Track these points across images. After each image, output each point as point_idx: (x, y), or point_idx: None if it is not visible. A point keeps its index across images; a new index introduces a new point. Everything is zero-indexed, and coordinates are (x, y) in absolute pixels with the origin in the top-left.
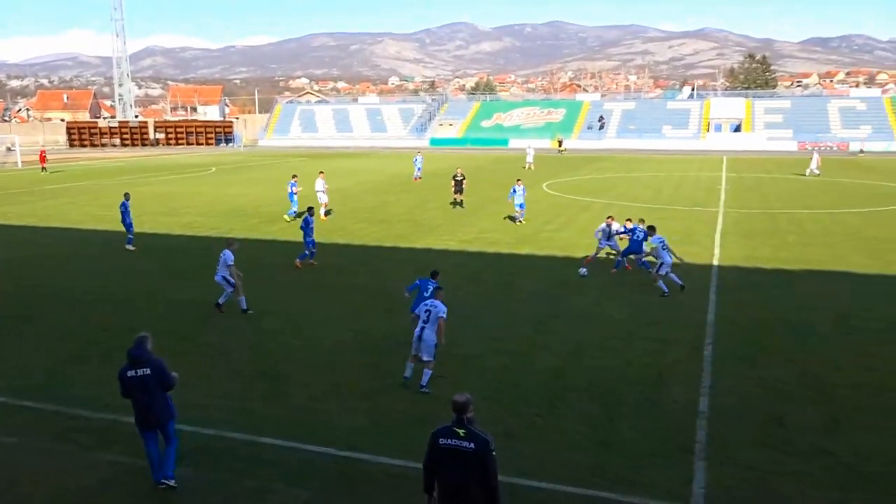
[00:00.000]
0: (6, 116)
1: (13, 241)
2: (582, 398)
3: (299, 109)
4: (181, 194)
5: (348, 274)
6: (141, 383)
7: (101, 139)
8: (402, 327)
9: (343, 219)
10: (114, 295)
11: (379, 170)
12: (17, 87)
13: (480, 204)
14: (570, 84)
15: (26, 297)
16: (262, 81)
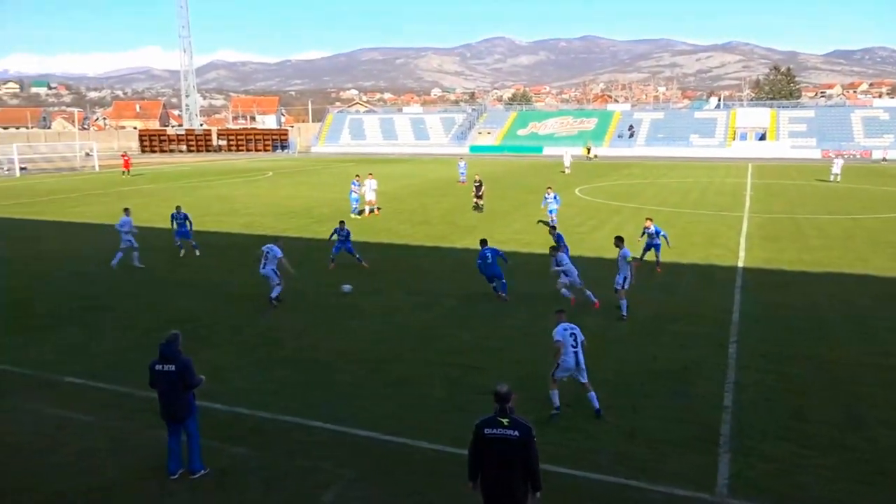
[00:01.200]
0: (85, 125)
1: (88, 238)
2: (608, 390)
3: (349, 119)
4: (241, 196)
5: (391, 270)
6: (166, 378)
7: (169, 145)
8: (438, 320)
9: (388, 219)
10: (176, 288)
11: (421, 174)
12: (95, 98)
13: (515, 207)
14: (602, 95)
15: (98, 288)
16: (316, 93)
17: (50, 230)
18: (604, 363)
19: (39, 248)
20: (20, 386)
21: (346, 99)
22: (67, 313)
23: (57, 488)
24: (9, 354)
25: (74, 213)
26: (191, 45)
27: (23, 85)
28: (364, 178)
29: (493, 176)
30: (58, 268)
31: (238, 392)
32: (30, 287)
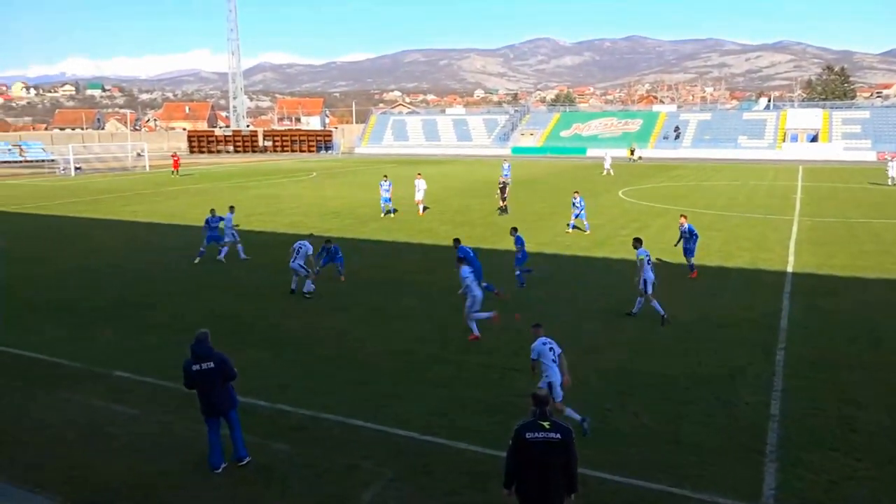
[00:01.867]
0: (137, 126)
1: (138, 237)
2: (651, 395)
3: (392, 120)
4: (285, 196)
5: (430, 271)
6: (206, 377)
7: (216, 146)
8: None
9: (430, 220)
10: (221, 285)
11: (463, 176)
12: (146, 100)
13: (556, 209)
14: (647, 96)
15: (146, 285)
16: (359, 94)
17: (102, 228)
18: (647, 368)
19: (91, 245)
20: (72, 378)
21: (390, 100)
22: (117, 309)
23: (104, 479)
24: (63, 348)
25: (125, 211)
26: (238, 48)
27: (79, 87)
28: (385, 178)
29: (534, 178)
30: (108, 265)
31: (280, 389)
32: (82, 283)
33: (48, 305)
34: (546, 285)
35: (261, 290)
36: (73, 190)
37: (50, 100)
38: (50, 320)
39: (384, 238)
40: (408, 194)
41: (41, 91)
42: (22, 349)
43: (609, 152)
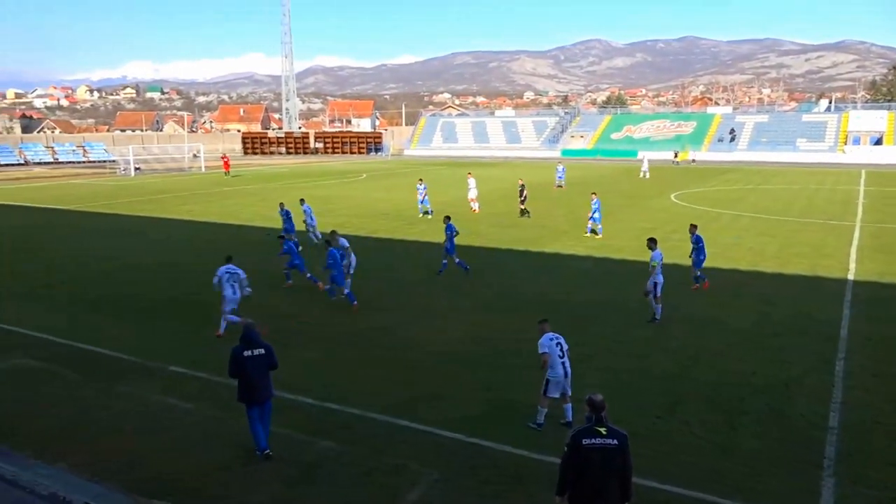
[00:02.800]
0: (193, 128)
1: (193, 235)
2: (702, 403)
3: (441, 122)
4: (335, 197)
5: (478, 273)
6: (256, 362)
7: (269, 147)
8: (526, 323)
9: (478, 222)
10: (272, 284)
11: (512, 178)
12: (203, 103)
13: (607, 212)
14: (702, 98)
15: (200, 282)
16: (409, 97)
17: (160, 226)
18: (699, 375)
19: (149, 242)
20: (130, 372)
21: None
22: (173, 305)
23: (157, 469)
24: (122, 342)
25: (182, 210)
26: (292, 52)
27: (139, 90)
28: (421, 181)
29: (584, 181)
30: (165, 262)
31: (328, 388)
32: (140, 279)
33: (109, 301)
34: (595, 289)
35: (310, 289)
36: (133, 189)
37: (112, 102)
38: (110, 315)
39: (431, 239)
40: (461, 196)
41: (104, 94)
42: (84, 343)
43: (647, 155)
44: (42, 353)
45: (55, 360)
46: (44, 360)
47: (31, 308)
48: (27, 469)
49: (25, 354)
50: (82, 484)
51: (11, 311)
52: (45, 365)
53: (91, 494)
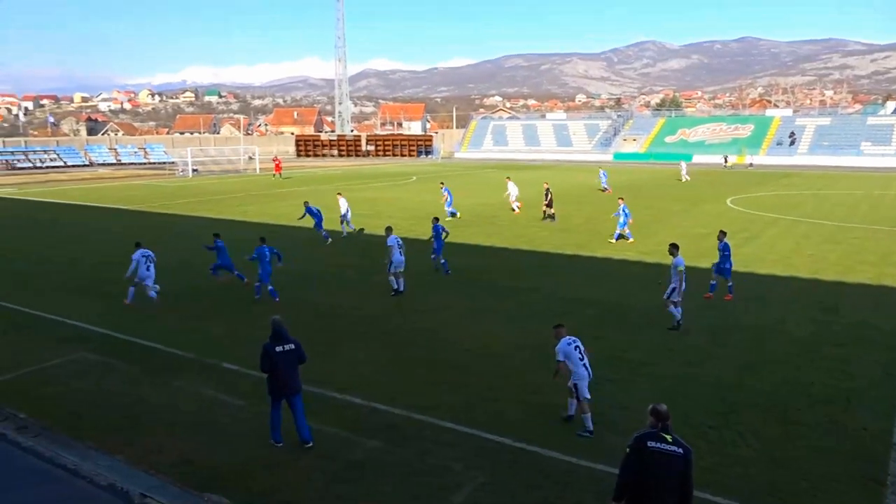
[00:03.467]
0: (249, 130)
1: (248, 235)
2: (757, 414)
3: (492, 125)
4: (385, 199)
5: (526, 277)
6: (288, 357)
7: (322, 150)
8: (576, 328)
9: (528, 226)
10: (322, 283)
11: (563, 181)
12: (258, 106)
13: (661, 217)
14: (760, 100)
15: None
16: (460, 100)
17: (216, 227)
18: (754, 385)
19: (206, 242)
20: (185, 368)
21: (490, 105)
22: (226, 302)
23: (211, 464)
24: (179, 338)
25: (237, 211)
26: (345, 56)
27: (198, 94)
28: (442, 184)
29: (637, 185)
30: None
31: (375, 387)
32: (197, 276)
33: (165, 297)
34: (646, 294)
35: (358, 287)
36: (191, 190)
37: (172, 105)
38: (167, 311)
39: (482, 242)
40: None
41: (164, 97)
42: (141, 338)
43: (683, 163)
44: (102, 347)
45: (115, 354)
46: (104, 354)
47: (93, 303)
48: (87, 459)
49: (87, 348)
50: (138, 475)
51: (74, 305)
52: (105, 358)
53: (146, 486)
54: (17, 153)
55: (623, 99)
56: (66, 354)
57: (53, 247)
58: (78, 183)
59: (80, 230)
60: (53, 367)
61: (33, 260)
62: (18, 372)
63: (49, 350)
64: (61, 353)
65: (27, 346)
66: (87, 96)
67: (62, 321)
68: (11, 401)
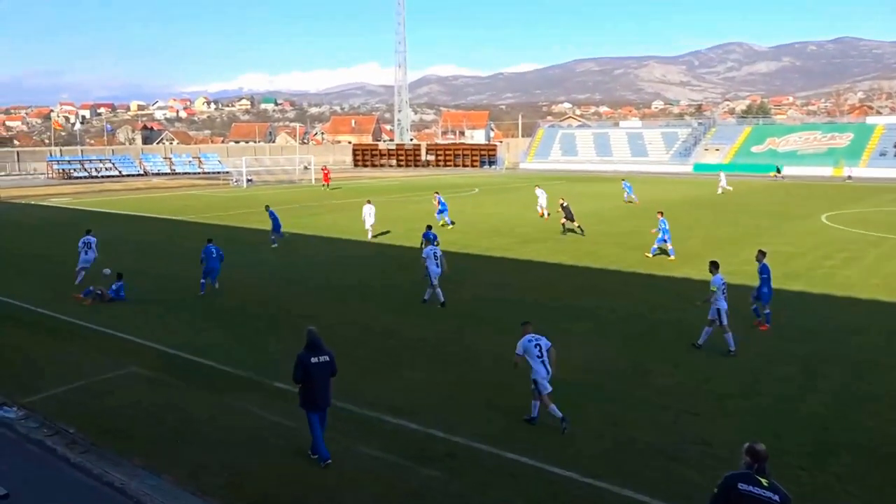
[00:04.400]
0: (305, 139)
1: (302, 249)
2: (857, 456)
3: (560, 133)
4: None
5: (599, 296)
6: (322, 369)
7: (380, 160)
8: (651, 354)
9: (597, 242)
10: (380, 301)
11: (637, 195)
12: (315, 114)
13: (746, 234)
14: (860, 106)
15: (310, 297)
16: (526, 107)
17: (268, 240)
18: (855, 424)
19: (260, 256)
20: (236, 386)
21: (558, 113)
22: (279, 318)
23: (260, 487)
24: (232, 354)
25: (290, 224)
26: (405, 61)
27: (253, 102)
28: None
29: (717, 199)
30: (274, 276)
31: (434, 412)
32: (249, 291)
33: (218, 311)
34: (736, 318)
35: (416, 306)
36: (245, 201)
37: (227, 114)
38: (218, 326)
39: (547, 259)
40: (582, 210)
41: (220, 105)
42: (193, 354)
43: (723, 174)
44: (154, 362)
45: (166, 370)
46: (155, 369)
47: (146, 316)
48: (135, 478)
49: (138, 362)
50: (185, 497)
51: (127, 318)
52: (155, 374)
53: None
54: (73, 162)
55: (704, 105)
56: (116, 369)
57: (109, 257)
58: (132, 193)
59: (135, 241)
60: (104, 382)
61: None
62: (69, 385)
63: (100, 364)
64: (112, 368)
65: (79, 359)
66: (143, 104)
67: (113, 334)
68: (62, 415)
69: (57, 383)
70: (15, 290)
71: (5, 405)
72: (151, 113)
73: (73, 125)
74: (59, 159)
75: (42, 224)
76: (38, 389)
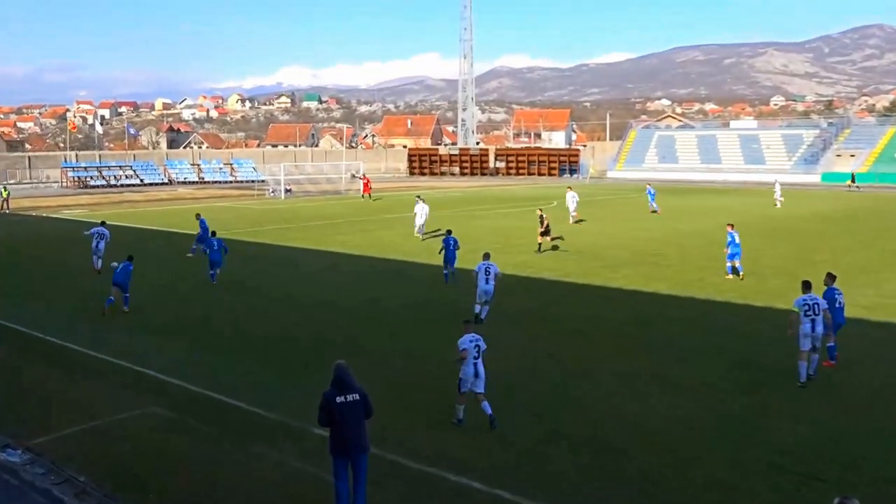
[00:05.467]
0: (353, 142)
1: (347, 271)
2: None
3: (657, 136)
4: (518, 229)
5: (700, 333)
6: (352, 409)
7: (440, 167)
8: (766, 406)
9: (702, 268)
10: (432, 330)
11: (749, 210)
12: (365, 113)
13: (885, 261)
14: None
15: (356, 328)
16: (615, 104)
17: (309, 259)
18: None
19: (299, 278)
20: (269, 431)
21: (655, 111)
22: (318, 351)
23: None
24: (266, 395)
25: (335, 241)
26: (472, 51)
27: (294, 99)
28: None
29: (855, 215)
30: (315, 300)
31: (504, 470)
32: (290, 324)
33: (251, 341)
34: (870, 363)
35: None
36: (283, 214)
37: (265, 113)
38: (253, 361)
39: (640, 288)
40: (685, 229)
41: (256, 104)
42: (222, 393)
43: (778, 178)
44: (176, 401)
45: (189, 410)
46: (178, 410)
47: (166, 347)
48: None
49: (160, 401)
50: None
51: (142, 348)
52: (178, 415)
53: None
54: (90, 169)
55: (836, 102)
56: (134, 408)
57: None
58: (155, 204)
59: (155, 258)
60: (120, 423)
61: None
62: (82, 426)
63: (117, 401)
64: (130, 406)
65: (93, 396)
66: (170, 103)
67: (132, 368)
68: (72, 460)
69: (68, 423)
70: (23, 315)
71: (9, 447)
72: (179, 113)
73: (91, 126)
74: (74, 166)
75: (54, 238)
76: (46, 429)
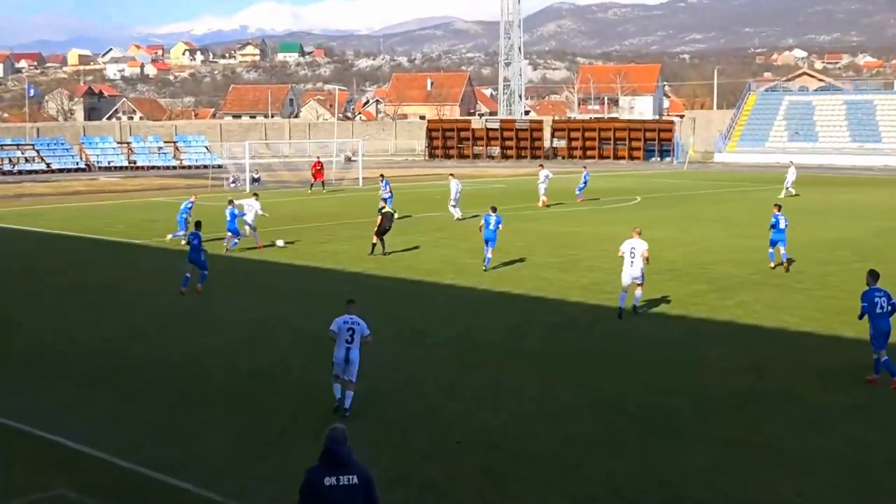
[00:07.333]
0: (349, 111)
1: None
2: None
3: (786, 102)
4: (583, 236)
5: (845, 388)
6: (345, 495)
7: (472, 147)
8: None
9: (850, 292)
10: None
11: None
12: (366, 70)
13: None
14: None
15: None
16: (727, 54)
17: (287, 282)
18: None
19: (277, 308)
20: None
21: (784, 67)
22: (307, 409)
23: None
24: (226, 473)
25: (324, 253)
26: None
27: (265, 50)
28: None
29: None
30: (301, 340)
31: None
32: (260, 363)
33: (208, 391)
34: None
35: (552, 397)
36: None
37: (223, 69)
38: (210, 416)
39: (764, 322)
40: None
41: (211, 56)
42: (160, 470)
43: (792, 164)
44: (94, 480)
45: (112, 493)
46: (94, 493)
47: (82, 403)
48: None
49: (70, 480)
50: None
51: (50, 406)
52: (94, 500)
53: None
54: None
55: None
56: (34, 491)
57: (29, 309)
58: (66, 199)
59: (68, 279)
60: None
61: None
62: None
63: (11, 483)
64: (29, 489)
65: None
66: (89, 55)
67: (42, 436)
68: None
69: None
70: None
71: None
72: (101, 69)
73: None
74: None
75: None
76: None
